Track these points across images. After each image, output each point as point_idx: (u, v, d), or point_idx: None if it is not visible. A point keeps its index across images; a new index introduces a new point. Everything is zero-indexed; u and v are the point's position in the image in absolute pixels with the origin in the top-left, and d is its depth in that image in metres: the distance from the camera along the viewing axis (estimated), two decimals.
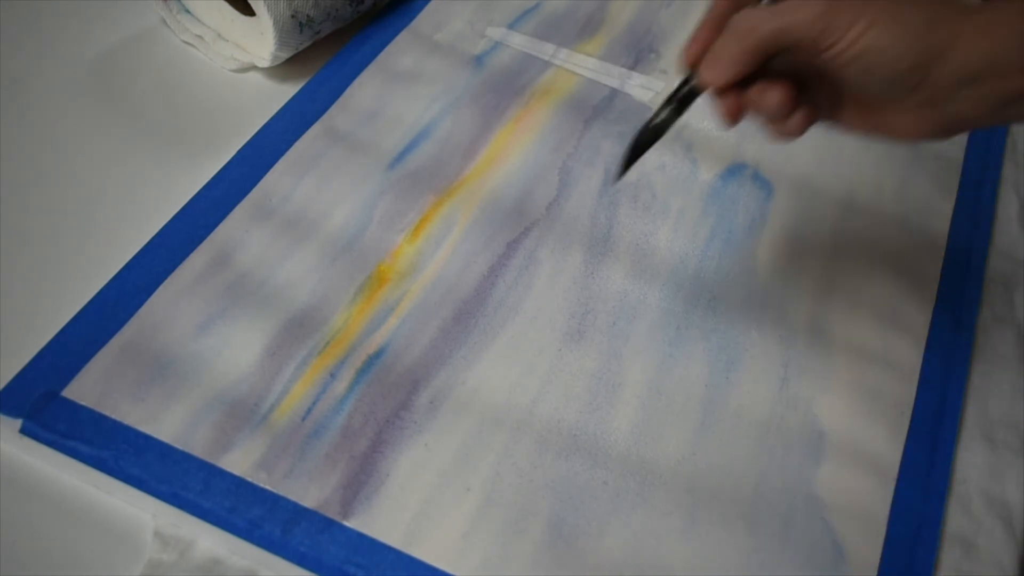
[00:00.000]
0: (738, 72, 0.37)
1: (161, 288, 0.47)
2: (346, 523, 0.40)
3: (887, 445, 0.47)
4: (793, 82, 0.38)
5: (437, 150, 0.56)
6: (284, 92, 0.58)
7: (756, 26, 0.36)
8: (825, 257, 0.55)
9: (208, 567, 0.39)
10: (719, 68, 0.38)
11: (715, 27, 0.39)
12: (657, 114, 0.41)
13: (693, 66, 0.39)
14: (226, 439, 0.42)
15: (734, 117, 0.39)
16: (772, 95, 0.37)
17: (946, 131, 0.37)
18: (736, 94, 0.38)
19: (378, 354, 0.46)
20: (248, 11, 0.57)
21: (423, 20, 0.65)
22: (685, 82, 0.40)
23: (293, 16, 0.56)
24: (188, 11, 0.60)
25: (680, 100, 0.40)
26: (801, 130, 0.38)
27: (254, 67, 0.59)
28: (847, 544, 0.43)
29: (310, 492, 0.41)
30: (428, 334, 0.47)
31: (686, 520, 0.43)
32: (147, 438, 0.41)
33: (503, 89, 0.61)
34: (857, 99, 0.38)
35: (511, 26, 0.66)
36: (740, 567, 0.42)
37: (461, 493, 0.42)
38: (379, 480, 0.42)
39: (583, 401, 0.46)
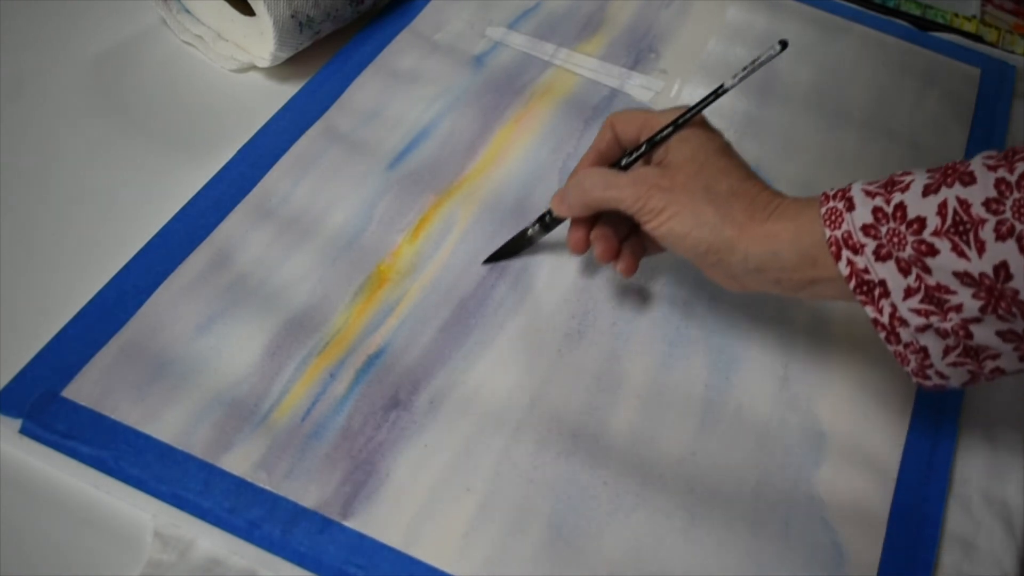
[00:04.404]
0: (574, 215, 0.47)
1: (161, 288, 0.47)
2: (346, 523, 0.40)
3: (887, 445, 0.47)
4: (633, 226, 0.47)
5: (437, 150, 0.56)
6: (284, 92, 0.58)
7: (592, 189, 0.45)
8: None
9: (208, 567, 0.39)
10: (561, 207, 0.48)
11: (593, 161, 0.48)
12: (530, 227, 0.50)
13: None
14: (226, 439, 0.42)
15: (579, 248, 0.48)
16: (598, 246, 0.47)
17: (749, 293, 0.44)
18: (585, 229, 0.47)
19: (378, 354, 0.46)
20: (248, 11, 0.57)
21: (423, 20, 0.65)
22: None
23: (293, 16, 0.56)
24: (188, 11, 0.60)
25: (547, 223, 0.50)
26: (627, 272, 0.47)
27: (254, 67, 0.59)
28: (847, 544, 0.43)
29: (310, 492, 0.41)
30: (428, 334, 0.47)
31: (686, 520, 0.43)
32: (147, 438, 0.41)
33: (503, 89, 0.61)
34: None
35: (511, 26, 0.66)
36: (740, 567, 0.42)
37: (461, 493, 0.42)
38: (379, 480, 0.42)
39: (583, 401, 0.46)
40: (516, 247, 0.51)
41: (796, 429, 0.47)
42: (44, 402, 0.42)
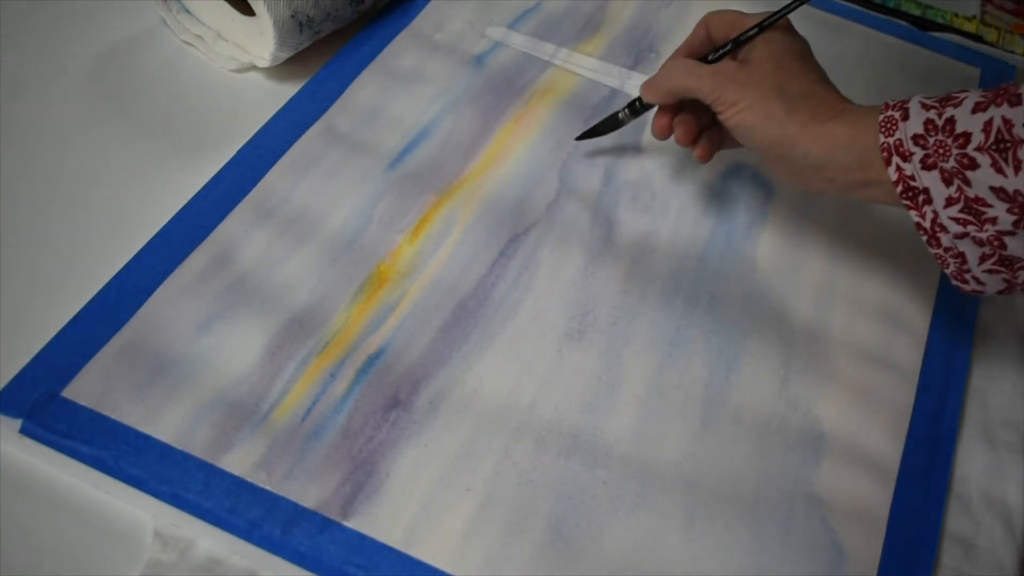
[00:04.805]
0: (659, 101, 0.51)
1: (161, 288, 0.47)
2: (346, 523, 0.40)
3: (887, 445, 0.47)
4: (709, 116, 0.50)
5: (437, 150, 0.56)
6: (284, 92, 0.58)
7: (676, 77, 0.49)
8: (825, 257, 0.55)
9: (208, 567, 0.39)
10: (648, 93, 0.51)
11: (683, 54, 0.52)
12: (621, 111, 0.55)
13: None
14: (226, 439, 0.42)
15: (662, 133, 0.52)
16: (680, 129, 0.51)
17: (815, 193, 0.49)
18: (669, 116, 0.51)
19: (378, 354, 0.46)
20: (248, 11, 0.57)
21: (423, 20, 0.65)
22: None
23: (293, 16, 0.56)
24: (188, 11, 0.60)
25: (636, 108, 0.54)
26: (702, 158, 0.51)
27: (254, 67, 0.59)
28: (847, 544, 0.43)
29: (310, 492, 0.41)
30: (428, 334, 0.47)
31: (686, 520, 0.43)
32: (147, 438, 0.41)
33: (503, 89, 0.61)
34: None
35: (511, 26, 0.66)
36: (740, 567, 0.42)
37: (461, 493, 0.42)
38: (379, 480, 0.42)
39: (583, 401, 0.46)
40: (607, 128, 0.56)
41: (796, 429, 0.47)
42: (44, 402, 0.42)
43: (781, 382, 0.49)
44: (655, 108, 0.53)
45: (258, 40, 0.58)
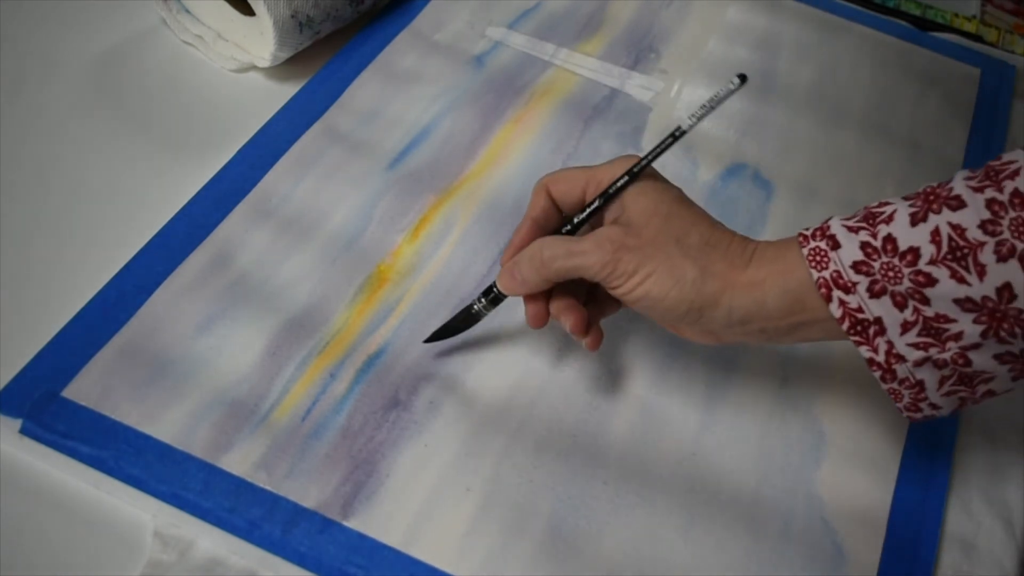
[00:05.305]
0: (529, 291, 0.42)
1: (161, 288, 0.47)
2: (346, 523, 0.40)
3: (887, 445, 0.47)
4: (589, 290, 0.44)
5: (437, 150, 0.56)
6: (284, 92, 0.58)
7: (553, 260, 0.41)
8: None
9: (208, 567, 0.39)
10: (513, 284, 0.43)
11: (530, 231, 0.43)
12: (475, 303, 0.45)
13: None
14: (226, 439, 0.42)
15: (539, 322, 0.43)
16: (569, 318, 0.42)
17: (726, 346, 0.43)
18: (543, 302, 0.43)
19: (378, 354, 0.46)
20: (248, 11, 0.57)
21: (423, 20, 0.65)
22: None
23: (293, 16, 0.56)
24: (188, 11, 0.60)
25: (495, 296, 0.44)
26: (593, 347, 0.43)
27: (254, 67, 0.59)
28: (847, 544, 0.43)
29: (310, 492, 0.41)
30: (428, 334, 0.47)
31: (686, 520, 0.43)
32: (147, 438, 0.41)
33: (503, 89, 0.61)
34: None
35: (511, 26, 0.66)
36: (740, 567, 0.42)
37: (461, 493, 0.42)
38: (379, 480, 0.42)
39: (583, 401, 0.46)
40: (461, 325, 0.46)
41: (796, 429, 0.47)
42: (44, 402, 0.42)
43: (781, 382, 0.49)
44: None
45: (258, 40, 0.58)
